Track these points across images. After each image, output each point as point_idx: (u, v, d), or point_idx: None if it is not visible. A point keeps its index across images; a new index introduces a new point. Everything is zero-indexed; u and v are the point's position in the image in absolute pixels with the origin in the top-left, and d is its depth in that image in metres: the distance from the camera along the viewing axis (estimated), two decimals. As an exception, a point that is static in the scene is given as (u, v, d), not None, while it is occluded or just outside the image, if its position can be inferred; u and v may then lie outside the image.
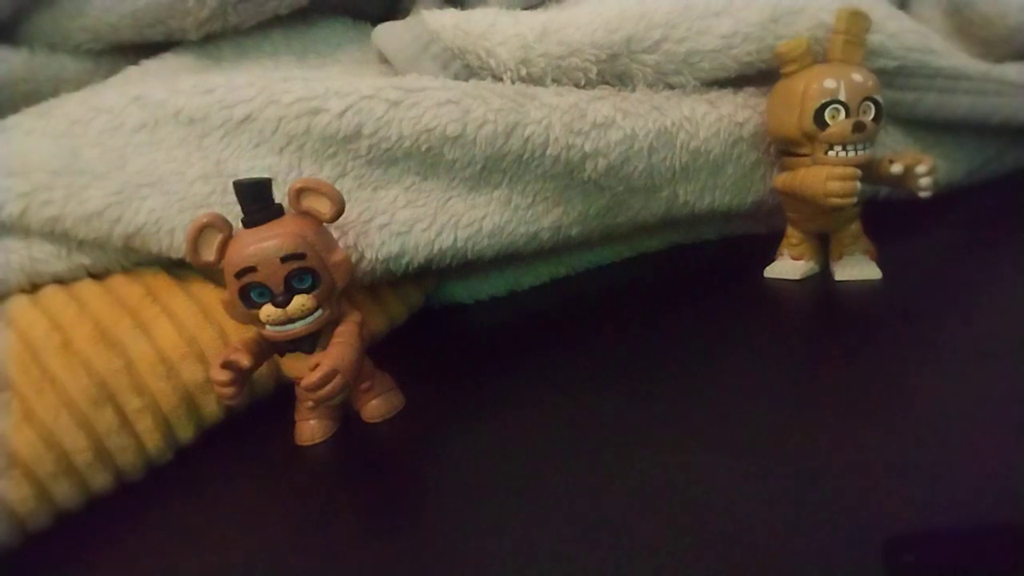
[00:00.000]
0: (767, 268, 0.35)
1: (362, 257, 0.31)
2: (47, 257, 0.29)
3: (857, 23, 0.31)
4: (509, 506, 0.22)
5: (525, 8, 0.36)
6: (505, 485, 0.23)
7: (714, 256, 0.39)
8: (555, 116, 0.32)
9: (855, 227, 0.33)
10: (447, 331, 0.36)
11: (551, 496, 0.22)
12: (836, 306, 0.32)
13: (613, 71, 0.33)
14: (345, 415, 0.28)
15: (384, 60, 0.35)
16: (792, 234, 0.34)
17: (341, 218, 0.26)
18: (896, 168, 0.31)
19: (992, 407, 0.23)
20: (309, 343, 0.26)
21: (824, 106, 0.30)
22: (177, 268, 0.30)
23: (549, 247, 0.35)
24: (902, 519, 0.18)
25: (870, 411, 0.23)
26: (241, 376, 0.25)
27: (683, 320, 0.32)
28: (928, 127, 0.39)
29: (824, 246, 0.34)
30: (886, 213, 0.35)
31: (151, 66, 0.36)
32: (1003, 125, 0.40)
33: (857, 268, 0.32)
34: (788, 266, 0.34)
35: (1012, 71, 0.40)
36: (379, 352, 0.30)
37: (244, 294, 0.25)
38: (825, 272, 0.34)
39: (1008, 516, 0.18)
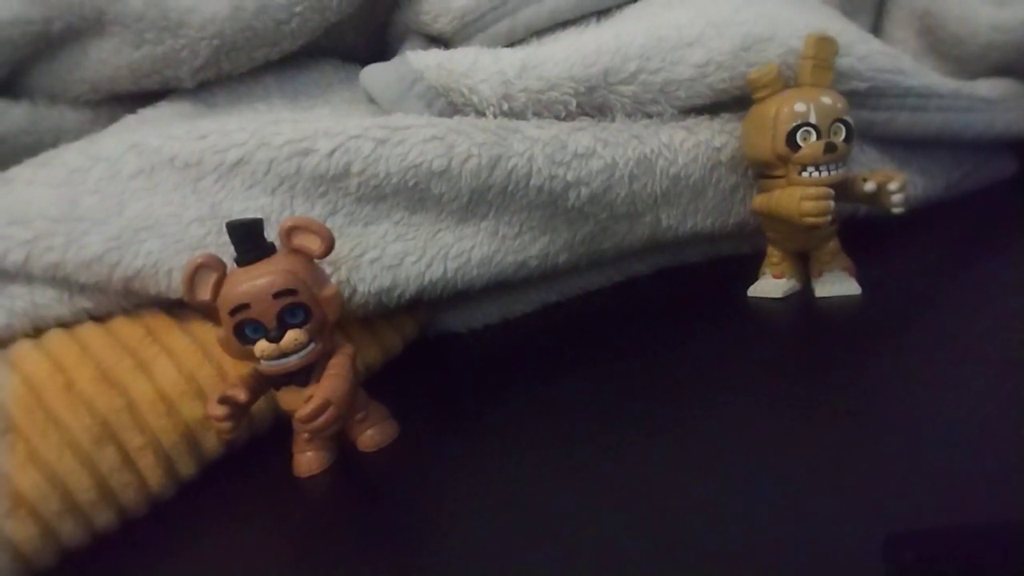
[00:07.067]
0: (750, 287, 0.35)
1: (355, 291, 0.32)
2: (49, 302, 0.30)
3: (825, 48, 0.32)
4: (505, 532, 0.22)
5: (505, 46, 0.37)
6: (500, 511, 0.23)
7: (700, 278, 0.39)
8: (537, 148, 0.33)
9: (833, 245, 0.33)
10: (442, 360, 0.36)
11: (547, 522, 0.22)
12: (818, 321, 0.32)
13: (592, 103, 0.35)
14: (342, 446, 0.29)
15: (372, 100, 0.36)
16: (772, 253, 0.35)
17: (333, 254, 0.27)
18: (869, 186, 0.32)
19: (982, 409, 0.23)
20: (303, 376, 0.27)
21: (795, 129, 0.31)
22: (176, 308, 0.31)
23: (538, 275, 0.36)
24: (901, 518, 0.19)
25: (862, 416, 0.24)
26: (238, 411, 0.26)
27: (672, 341, 0.33)
28: (904, 144, 0.40)
29: (804, 264, 0.35)
30: (865, 230, 0.36)
31: (148, 114, 0.37)
32: (977, 139, 0.41)
33: (837, 284, 0.33)
34: (770, 285, 0.35)
35: (982, 87, 0.41)
36: (375, 382, 0.31)
37: (239, 331, 0.25)
38: (807, 289, 0.34)
39: (1007, 515, 0.19)
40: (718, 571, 0.19)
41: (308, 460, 0.28)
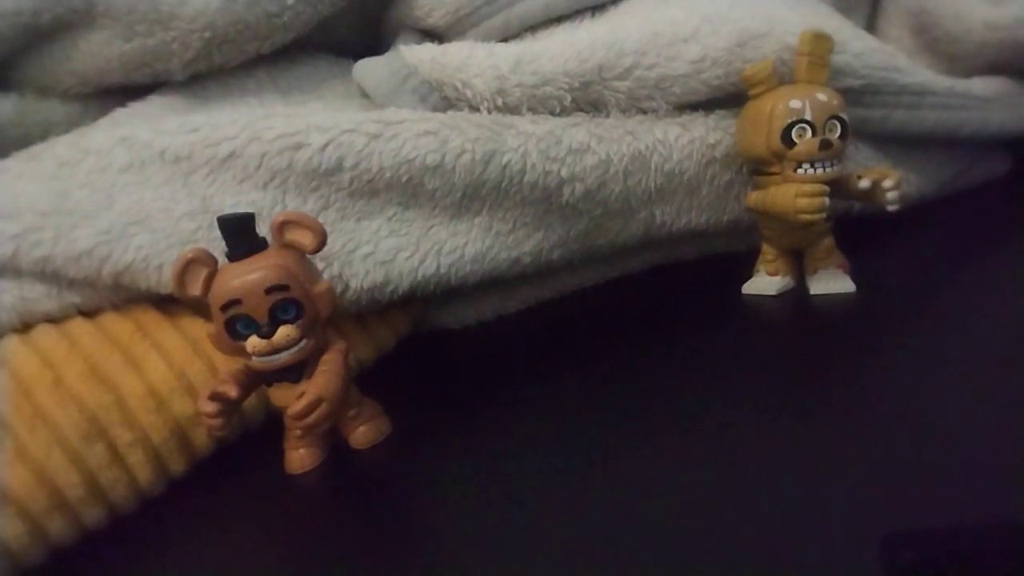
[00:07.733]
0: (745, 285, 0.35)
1: (347, 287, 0.31)
2: (38, 296, 0.30)
3: (821, 45, 0.32)
4: (499, 530, 0.22)
5: (500, 41, 0.37)
6: (494, 509, 0.23)
7: (694, 275, 0.39)
8: (531, 144, 0.33)
9: (828, 242, 0.33)
10: (435, 357, 0.36)
11: (541, 519, 0.22)
12: (813, 319, 0.32)
13: (587, 98, 0.34)
14: (334, 443, 0.28)
15: (365, 95, 0.36)
16: (767, 251, 0.35)
17: (326, 249, 0.27)
18: (864, 183, 0.32)
19: (979, 407, 0.23)
20: (295, 372, 0.26)
21: (791, 125, 0.31)
22: (166, 304, 0.31)
23: (532, 271, 0.36)
24: (900, 517, 0.19)
25: (856, 413, 0.24)
26: (229, 407, 0.26)
27: (666, 339, 0.33)
28: (899, 142, 0.40)
29: (799, 262, 0.35)
30: (860, 227, 0.36)
31: (138, 107, 0.37)
32: (972, 137, 0.41)
33: (831, 282, 0.33)
34: (765, 282, 0.35)
35: (977, 85, 0.41)
36: (367, 378, 0.31)
37: (230, 326, 0.25)
38: (801, 287, 0.34)
39: (1006, 514, 0.19)
40: (714, 570, 0.19)
41: (300, 457, 0.28)
